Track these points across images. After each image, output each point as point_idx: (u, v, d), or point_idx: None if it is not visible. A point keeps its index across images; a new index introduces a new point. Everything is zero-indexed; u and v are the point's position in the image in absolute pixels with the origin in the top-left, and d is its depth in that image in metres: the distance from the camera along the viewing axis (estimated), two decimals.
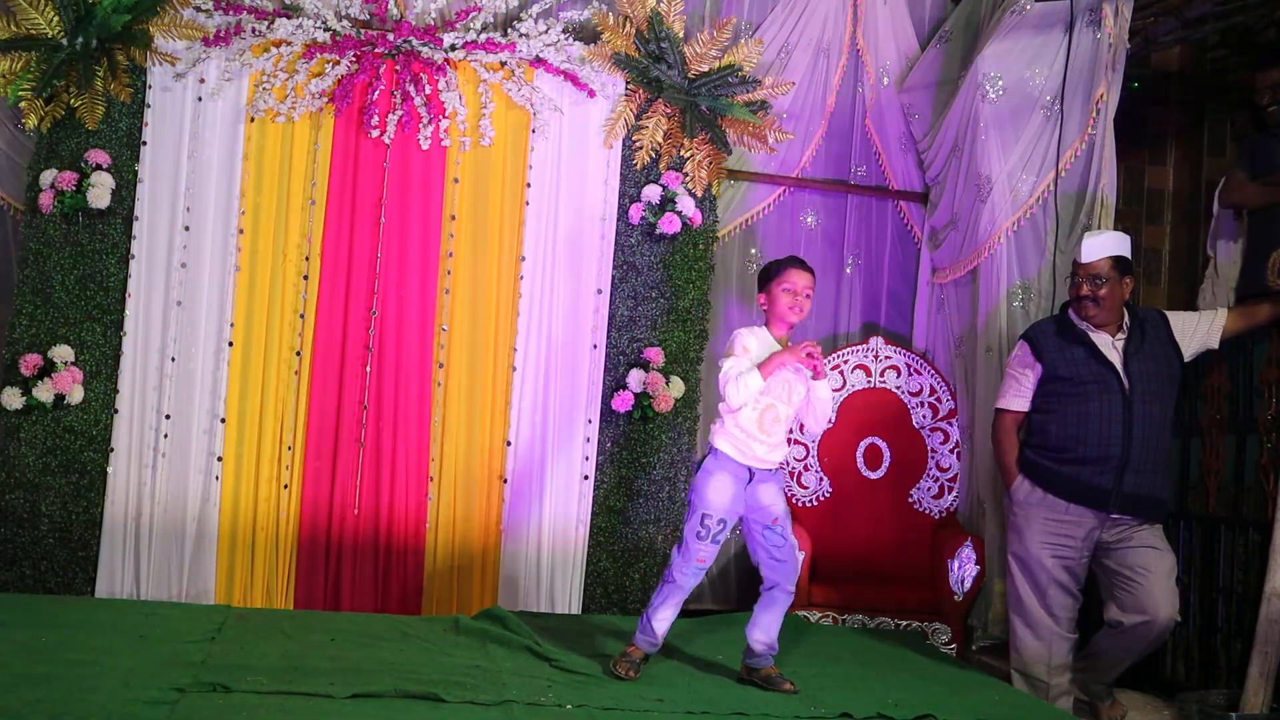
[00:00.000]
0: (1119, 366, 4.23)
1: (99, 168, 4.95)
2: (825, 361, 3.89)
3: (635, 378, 5.23)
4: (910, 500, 5.53)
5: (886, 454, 5.56)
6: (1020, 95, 5.19)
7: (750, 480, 3.87)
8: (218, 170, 5.10)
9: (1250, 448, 4.53)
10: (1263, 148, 4.87)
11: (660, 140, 5.35)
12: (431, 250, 5.23)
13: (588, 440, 5.27)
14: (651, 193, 5.30)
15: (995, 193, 5.23)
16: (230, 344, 5.07)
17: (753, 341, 3.88)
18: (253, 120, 5.12)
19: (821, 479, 5.52)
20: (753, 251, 5.80)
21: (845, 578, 5.24)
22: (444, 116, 5.20)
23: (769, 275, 3.97)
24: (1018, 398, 4.44)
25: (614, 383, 5.28)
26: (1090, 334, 4.29)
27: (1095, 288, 4.25)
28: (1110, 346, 4.27)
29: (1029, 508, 4.32)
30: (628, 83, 5.34)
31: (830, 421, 5.55)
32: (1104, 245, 4.29)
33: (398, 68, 5.17)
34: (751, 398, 3.79)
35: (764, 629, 3.91)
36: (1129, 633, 4.15)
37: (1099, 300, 4.26)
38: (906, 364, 5.63)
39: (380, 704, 3.34)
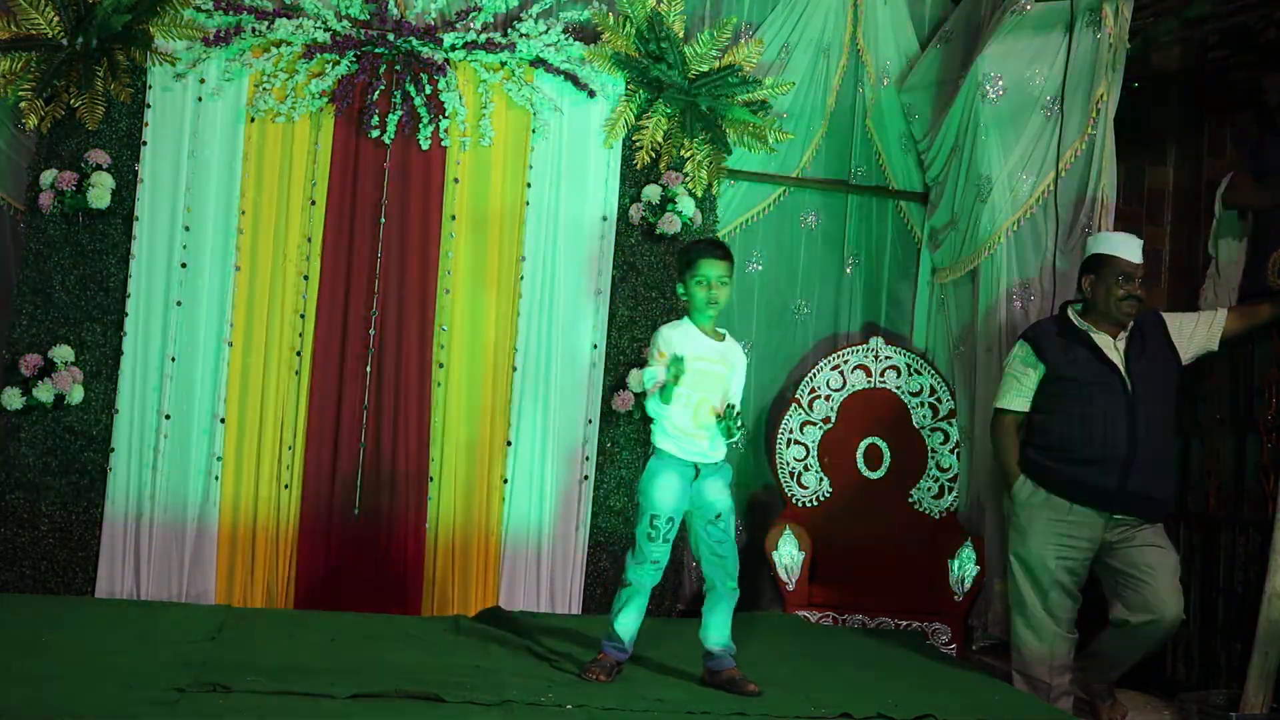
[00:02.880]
0: (1121, 367, 4.24)
1: (99, 168, 4.94)
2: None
3: (635, 378, 5.23)
4: (910, 500, 5.53)
5: (886, 454, 5.56)
6: (1020, 95, 5.19)
7: (696, 476, 3.85)
8: (218, 170, 5.10)
9: (1250, 448, 4.53)
10: (1267, 149, 4.86)
11: (660, 140, 5.35)
12: (431, 250, 5.23)
13: (587, 440, 5.27)
14: (651, 193, 5.30)
15: (995, 193, 5.23)
16: (230, 344, 5.07)
17: (675, 339, 3.84)
18: (253, 120, 5.12)
19: (821, 479, 5.52)
20: (754, 251, 5.80)
21: (845, 578, 5.24)
22: (444, 116, 5.20)
23: (681, 266, 3.93)
24: (1019, 398, 4.44)
25: (614, 383, 5.28)
26: (1092, 335, 4.30)
27: (1140, 287, 4.29)
28: (1112, 348, 4.28)
29: (1031, 508, 4.32)
30: (628, 83, 5.34)
31: (830, 422, 5.55)
32: (1138, 244, 4.35)
33: (398, 68, 5.17)
34: (664, 409, 3.82)
35: (715, 629, 3.87)
36: (1135, 632, 4.15)
37: (1142, 300, 4.31)
38: (906, 364, 5.62)
39: (380, 704, 3.34)
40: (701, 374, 3.84)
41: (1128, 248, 4.32)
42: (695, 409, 3.82)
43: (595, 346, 5.30)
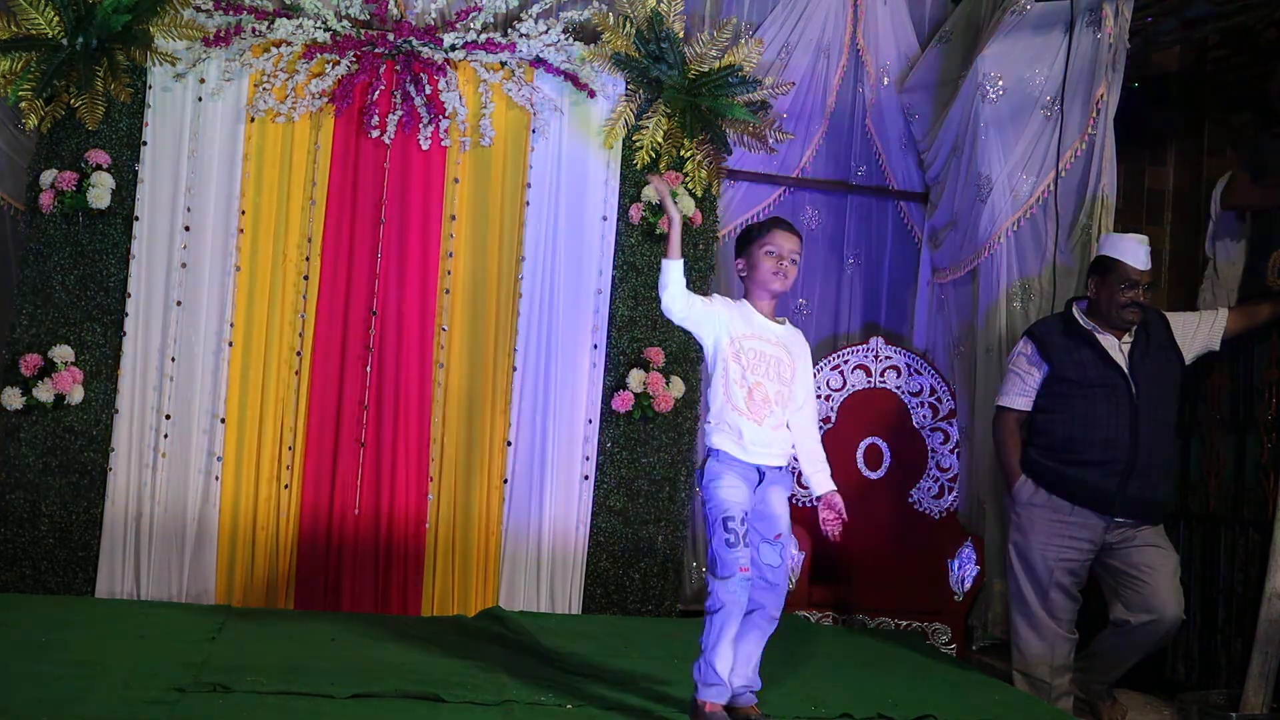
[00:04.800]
0: (1125, 370, 4.24)
1: (99, 168, 4.94)
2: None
3: (635, 378, 5.22)
4: (910, 500, 5.53)
5: (886, 454, 5.56)
6: (1020, 95, 5.19)
7: (761, 481, 3.42)
8: (218, 170, 5.10)
9: (1250, 448, 4.53)
10: (1267, 149, 4.86)
11: (660, 140, 5.35)
12: (431, 250, 5.23)
13: (587, 440, 5.26)
14: (651, 193, 5.30)
15: (995, 193, 5.23)
16: (230, 344, 5.07)
17: (725, 307, 3.49)
18: (253, 120, 5.12)
19: None
20: None
21: (845, 578, 5.24)
22: (444, 116, 5.19)
23: (749, 237, 3.54)
24: (1021, 396, 4.43)
25: (614, 383, 5.28)
26: (1097, 335, 4.29)
27: (1145, 294, 4.25)
28: (1116, 349, 4.27)
29: (1033, 508, 4.32)
30: (628, 83, 5.34)
31: (830, 422, 5.55)
32: (1147, 250, 4.30)
33: (398, 68, 5.17)
34: (679, 287, 3.36)
35: (744, 661, 3.41)
36: (1136, 632, 4.15)
37: (1145, 307, 4.27)
38: (906, 364, 5.62)
39: (380, 704, 3.35)
40: (759, 355, 3.43)
41: (1136, 254, 4.27)
42: (750, 390, 3.39)
43: (595, 346, 5.29)
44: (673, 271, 3.37)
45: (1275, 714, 4.12)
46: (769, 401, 3.42)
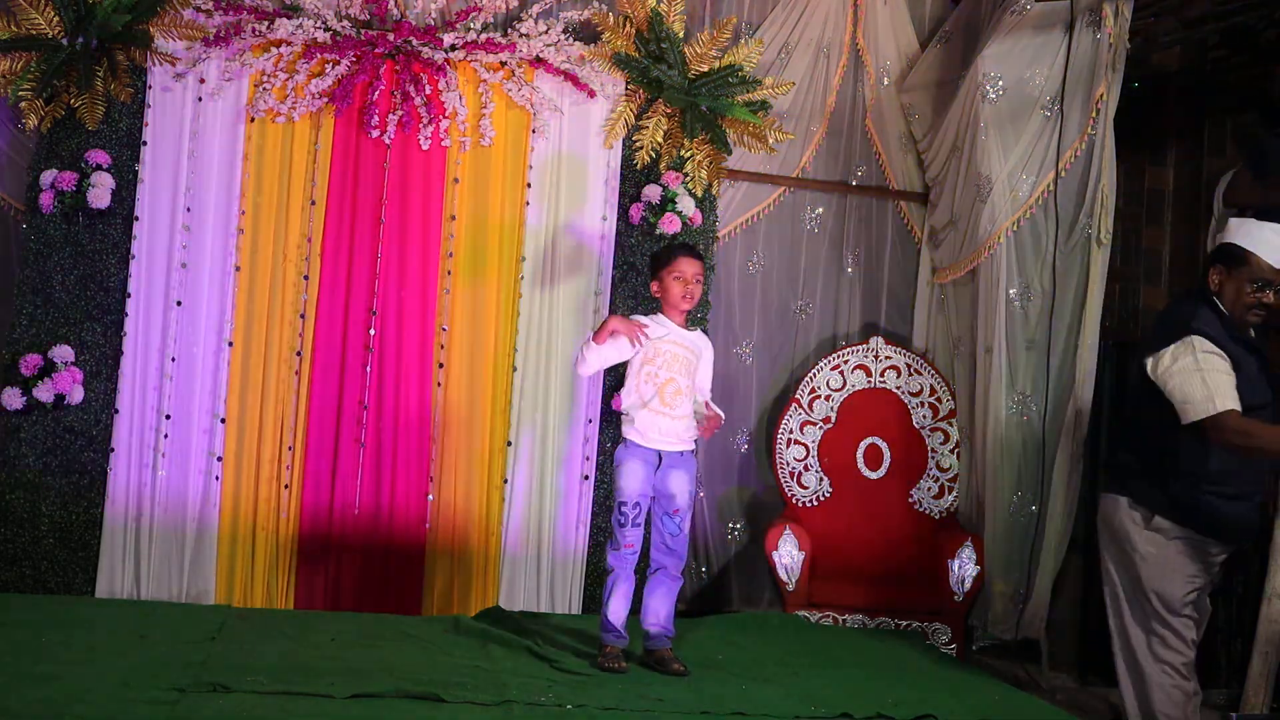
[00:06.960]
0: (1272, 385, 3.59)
1: (99, 168, 4.94)
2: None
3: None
4: (910, 500, 5.53)
5: (886, 454, 5.56)
6: (1020, 95, 5.19)
7: (660, 465, 4.06)
8: (218, 170, 5.10)
9: None
10: (1270, 149, 4.85)
11: (660, 140, 5.35)
12: (431, 250, 5.23)
13: (587, 440, 5.27)
14: (652, 193, 5.30)
15: (995, 193, 5.23)
16: (230, 344, 5.07)
17: (644, 319, 4.12)
18: (253, 120, 5.12)
19: (821, 479, 5.52)
20: (754, 251, 5.80)
21: (845, 578, 5.23)
22: (444, 117, 5.20)
23: (659, 264, 4.19)
24: (1234, 395, 3.44)
25: (614, 382, 5.28)
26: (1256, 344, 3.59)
27: (1276, 295, 3.53)
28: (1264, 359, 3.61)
29: (1168, 546, 3.57)
30: (628, 83, 5.34)
31: (830, 422, 5.55)
32: None
33: (398, 68, 5.17)
34: (596, 364, 4.11)
35: (654, 613, 4.10)
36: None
37: (1271, 310, 3.57)
38: (906, 364, 5.62)
39: (380, 704, 3.35)
40: (671, 355, 4.07)
41: (1275, 248, 3.53)
42: (661, 388, 4.04)
43: None
44: (591, 354, 4.06)
45: (1275, 714, 4.12)
46: (680, 394, 4.07)
